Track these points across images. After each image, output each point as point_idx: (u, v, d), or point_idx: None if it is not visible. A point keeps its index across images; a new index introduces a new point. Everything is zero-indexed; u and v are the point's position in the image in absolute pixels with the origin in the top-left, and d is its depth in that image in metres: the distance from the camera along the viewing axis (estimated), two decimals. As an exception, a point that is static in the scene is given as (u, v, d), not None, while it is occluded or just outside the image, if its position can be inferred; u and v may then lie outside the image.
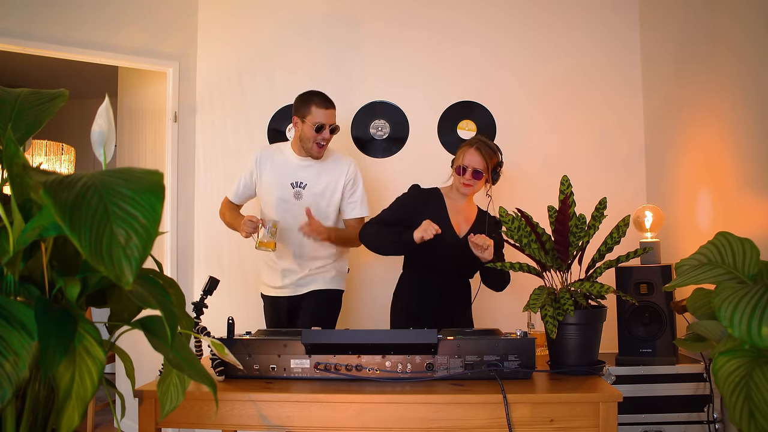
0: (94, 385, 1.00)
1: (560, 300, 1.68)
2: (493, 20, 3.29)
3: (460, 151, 2.36)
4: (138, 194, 0.90)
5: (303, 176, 2.54)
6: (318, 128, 2.45)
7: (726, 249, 1.47)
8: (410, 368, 1.65)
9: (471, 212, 2.43)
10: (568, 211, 1.72)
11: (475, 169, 2.28)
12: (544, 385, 1.62)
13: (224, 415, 1.55)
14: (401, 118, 3.27)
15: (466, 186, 2.31)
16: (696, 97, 2.59)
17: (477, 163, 2.29)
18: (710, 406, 2.26)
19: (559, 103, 3.23)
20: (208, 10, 3.41)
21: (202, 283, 1.89)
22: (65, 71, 4.46)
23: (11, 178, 1.02)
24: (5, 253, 1.03)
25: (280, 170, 2.56)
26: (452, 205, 2.39)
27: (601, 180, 3.11)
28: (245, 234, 2.42)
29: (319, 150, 2.49)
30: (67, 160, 4.85)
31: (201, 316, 1.79)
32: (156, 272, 1.25)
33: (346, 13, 3.35)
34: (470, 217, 2.42)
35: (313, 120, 2.45)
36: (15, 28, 2.88)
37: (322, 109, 2.45)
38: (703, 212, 2.52)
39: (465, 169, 2.30)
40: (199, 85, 3.38)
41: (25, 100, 1.22)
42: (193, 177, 3.37)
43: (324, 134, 2.47)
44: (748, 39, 2.17)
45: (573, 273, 1.79)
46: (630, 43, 3.21)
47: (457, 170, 2.33)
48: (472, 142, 2.35)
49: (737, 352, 1.29)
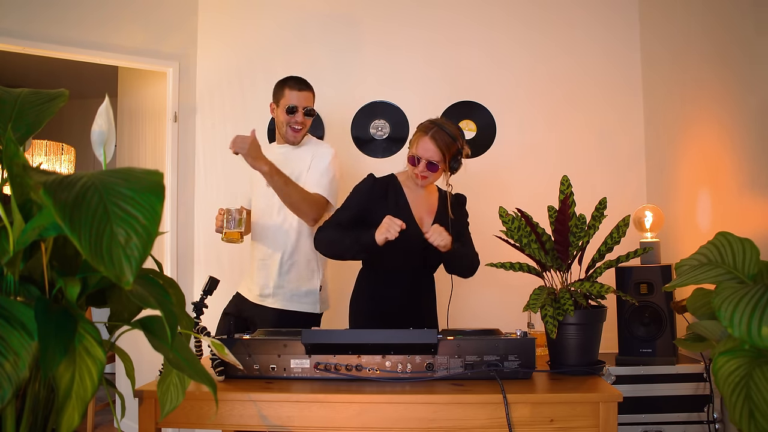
0: (94, 385, 1.00)
1: (560, 300, 1.68)
2: (492, 20, 3.29)
3: (414, 137, 2.11)
4: (138, 194, 0.90)
5: (284, 166, 2.33)
6: (289, 110, 2.36)
7: (726, 249, 1.47)
8: (410, 368, 1.65)
9: (432, 199, 2.23)
10: (568, 211, 1.72)
11: (430, 161, 2.06)
12: (544, 385, 1.62)
13: (224, 415, 1.55)
14: (401, 118, 3.27)
15: (422, 178, 2.11)
16: (696, 97, 2.59)
17: (431, 154, 2.05)
18: (710, 406, 2.26)
19: (559, 102, 3.23)
20: (208, 10, 3.41)
21: (202, 283, 1.89)
22: (65, 71, 4.46)
23: (11, 178, 1.02)
24: (5, 253, 1.03)
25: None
26: (413, 196, 2.19)
27: (601, 180, 3.11)
28: (216, 227, 2.28)
29: (295, 134, 2.39)
30: (67, 160, 4.85)
31: (201, 316, 1.79)
32: (156, 272, 1.25)
33: (345, 13, 3.35)
34: (432, 205, 2.22)
35: (285, 102, 2.37)
36: (14, 27, 2.88)
37: (294, 91, 2.36)
38: (703, 212, 2.52)
39: (419, 159, 2.07)
40: (199, 86, 3.38)
41: (25, 100, 1.22)
42: (193, 177, 3.37)
43: (297, 116, 2.37)
44: (748, 38, 2.17)
45: (573, 273, 1.79)
46: (630, 43, 3.21)
47: (410, 160, 2.10)
48: (427, 128, 2.08)
49: (737, 352, 1.29)
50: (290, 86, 2.38)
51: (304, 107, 2.39)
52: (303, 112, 2.39)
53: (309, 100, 2.41)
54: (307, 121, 2.42)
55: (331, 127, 3.32)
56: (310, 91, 2.42)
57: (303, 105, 2.38)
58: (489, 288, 3.04)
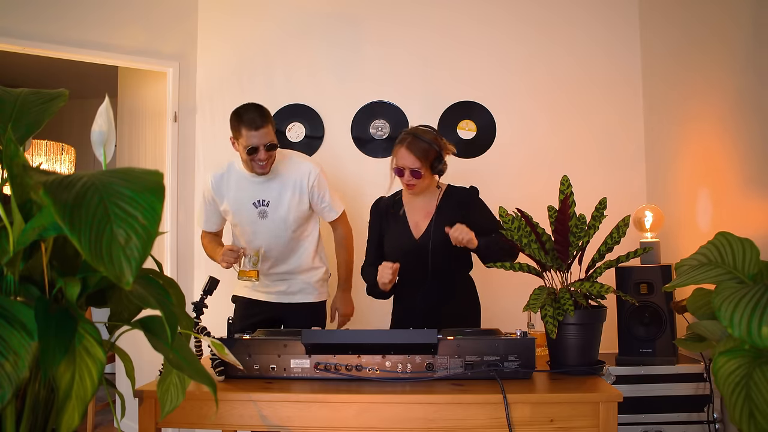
0: (94, 385, 1.00)
1: (560, 300, 1.68)
2: (493, 20, 3.29)
3: (394, 150, 2.20)
4: (138, 194, 0.90)
5: (263, 194, 2.40)
6: (250, 151, 2.26)
7: (726, 249, 1.47)
8: (410, 368, 1.65)
9: (431, 203, 2.27)
10: (568, 211, 1.72)
11: (412, 169, 2.15)
12: (544, 385, 1.62)
13: (224, 415, 1.55)
14: (401, 118, 3.27)
15: (410, 187, 2.20)
16: (696, 97, 2.59)
17: (411, 162, 2.14)
18: (710, 406, 2.26)
19: (559, 102, 3.23)
20: (208, 10, 3.41)
21: (202, 283, 1.89)
22: (65, 71, 4.46)
23: (11, 178, 1.02)
24: (5, 253, 1.03)
25: (238, 192, 2.42)
26: (410, 204, 2.29)
27: (601, 180, 3.11)
28: (225, 265, 2.31)
29: (262, 168, 2.32)
30: (67, 160, 4.86)
31: (201, 316, 1.79)
32: (156, 272, 1.25)
33: (345, 12, 3.35)
34: (429, 208, 2.26)
35: (244, 143, 2.27)
36: (14, 27, 2.88)
37: (252, 131, 2.24)
38: (703, 212, 2.52)
39: (402, 170, 2.17)
40: (199, 85, 3.38)
41: (25, 100, 1.22)
42: (193, 177, 3.37)
43: (259, 155, 2.28)
44: (748, 38, 2.17)
45: (573, 273, 1.79)
46: (630, 42, 3.21)
47: (396, 172, 2.20)
48: (403, 139, 2.17)
49: (737, 352, 1.29)
50: (247, 126, 2.25)
51: (265, 144, 2.27)
52: (264, 149, 2.28)
53: (269, 135, 2.28)
54: (272, 154, 2.33)
55: (331, 127, 3.32)
56: (268, 124, 2.29)
57: (263, 142, 2.27)
58: (489, 288, 3.03)
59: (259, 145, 2.27)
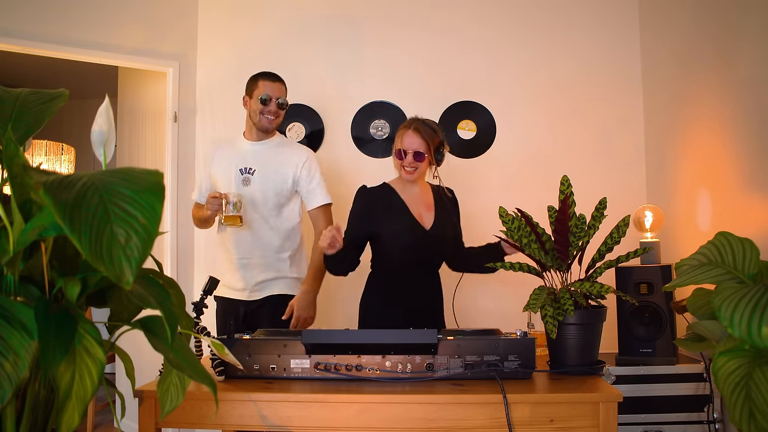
0: (94, 385, 1.00)
1: (560, 300, 1.68)
2: (492, 21, 3.29)
3: (397, 135, 2.21)
4: (138, 194, 0.90)
5: (252, 162, 2.44)
6: (263, 100, 2.38)
7: (726, 249, 1.47)
8: (410, 368, 1.65)
9: (428, 196, 2.28)
10: (568, 211, 1.72)
11: (416, 152, 2.14)
12: (544, 385, 1.62)
13: (224, 415, 1.55)
14: (401, 118, 3.27)
15: (409, 172, 2.18)
16: (696, 97, 2.59)
17: (417, 145, 2.14)
18: (710, 406, 2.26)
19: (559, 103, 3.23)
20: (208, 10, 3.41)
21: (202, 283, 1.89)
22: (65, 71, 4.46)
23: (11, 178, 1.02)
24: (5, 253, 1.03)
25: (229, 158, 2.47)
26: (407, 195, 2.25)
27: (601, 180, 3.11)
28: (211, 212, 2.30)
29: (269, 122, 2.42)
30: (67, 160, 4.86)
31: (201, 316, 1.79)
32: (156, 272, 1.25)
33: (345, 13, 3.35)
34: (429, 201, 2.27)
35: (258, 93, 2.39)
36: (14, 27, 2.88)
37: (268, 82, 2.40)
38: (703, 212, 2.52)
39: (405, 153, 2.16)
40: (199, 85, 3.38)
41: (25, 100, 1.22)
42: (193, 177, 3.36)
43: (270, 106, 2.40)
44: (747, 38, 2.17)
45: (573, 273, 1.79)
46: (630, 44, 3.21)
47: (397, 154, 2.18)
48: (409, 123, 2.20)
49: (737, 352, 1.29)
50: (264, 78, 2.42)
51: (277, 98, 2.41)
52: (276, 102, 2.41)
53: (282, 92, 2.43)
54: (280, 112, 2.45)
55: (331, 127, 3.32)
56: (283, 84, 2.45)
57: (276, 96, 2.41)
58: (489, 288, 3.04)
59: (272, 97, 2.40)
